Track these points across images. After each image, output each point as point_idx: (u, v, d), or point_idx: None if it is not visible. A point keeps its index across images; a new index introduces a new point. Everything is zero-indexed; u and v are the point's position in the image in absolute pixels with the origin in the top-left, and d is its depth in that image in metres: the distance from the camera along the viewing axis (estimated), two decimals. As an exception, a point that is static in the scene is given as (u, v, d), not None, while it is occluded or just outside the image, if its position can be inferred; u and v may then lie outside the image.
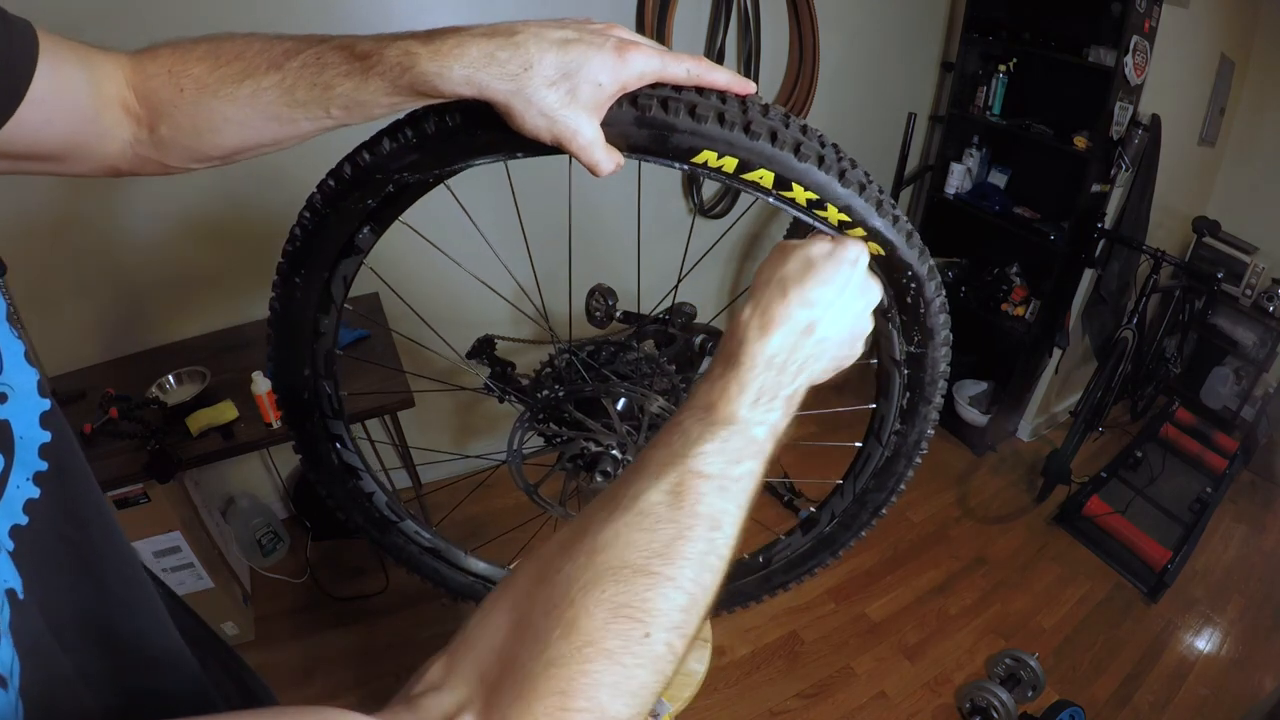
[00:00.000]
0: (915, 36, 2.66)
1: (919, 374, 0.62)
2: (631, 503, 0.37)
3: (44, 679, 0.36)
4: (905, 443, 0.69)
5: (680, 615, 0.34)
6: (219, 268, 1.79)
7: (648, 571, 0.34)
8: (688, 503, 0.37)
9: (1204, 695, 1.97)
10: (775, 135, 0.45)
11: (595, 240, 2.18)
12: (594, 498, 0.41)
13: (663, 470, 0.38)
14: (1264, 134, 2.77)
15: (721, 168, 0.46)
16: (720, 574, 0.37)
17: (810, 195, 0.47)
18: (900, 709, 1.87)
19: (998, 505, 2.63)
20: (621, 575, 0.34)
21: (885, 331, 0.60)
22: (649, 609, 0.33)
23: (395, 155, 0.51)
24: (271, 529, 2.13)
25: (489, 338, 0.93)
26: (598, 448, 0.77)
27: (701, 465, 0.38)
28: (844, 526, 0.78)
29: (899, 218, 0.51)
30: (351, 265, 0.63)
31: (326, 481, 0.80)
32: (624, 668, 0.32)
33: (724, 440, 0.40)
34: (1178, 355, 3.02)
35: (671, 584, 0.34)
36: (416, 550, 0.88)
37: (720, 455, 0.39)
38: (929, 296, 0.56)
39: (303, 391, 0.71)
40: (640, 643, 0.33)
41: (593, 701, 0.31)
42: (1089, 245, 2.44)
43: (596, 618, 0.32)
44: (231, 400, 1.56)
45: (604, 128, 0.43)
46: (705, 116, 0.44)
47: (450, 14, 1.77)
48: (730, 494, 0.38)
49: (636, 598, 0.33)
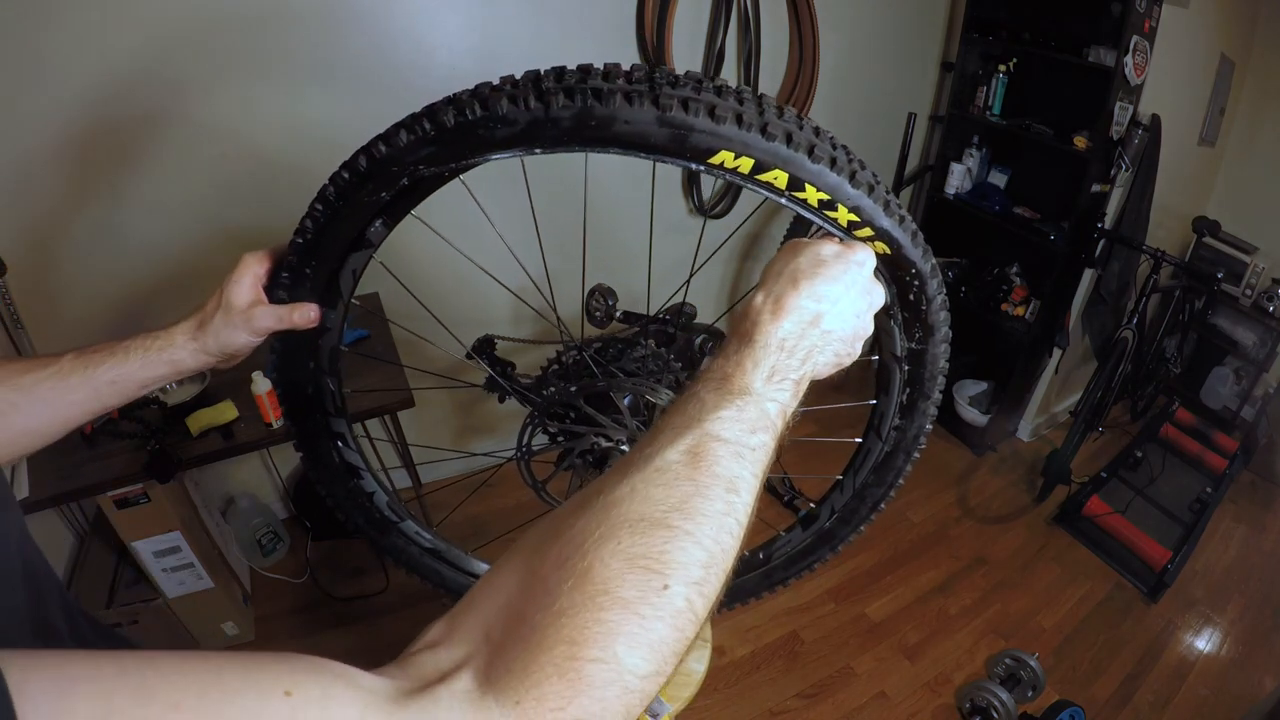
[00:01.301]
0: (915, 36, 2.66)
1: (919, 370, 0.64)
2: (646, 462, 0.36)
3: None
4: (904, 438, 0.70)
5: (700, 571, 0.33)
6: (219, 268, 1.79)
7: (666, 524, 0.33)
8: (705, 463, 0.36)
9: (1204, 695, 1.97)
10: (791, 137, 0.46)
11: (594, 240, 2.18)
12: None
13: (679, 434, 0.38)
14: (1264, 134, 2.77)
15: (738, 168, 0.47)
16: (738, 541, 0.36)
17: (822, 196, 0.48)
18: (900, 709, 1.87)
19: (998, 505, 2.63)
20: (638, 528, 0.32)
21: (887, 328, 0.61)
22: (667, 560, 0.32)
23: (412, 148, 0.51)
24: (271, 529, 2.13)
25: (489, 337, 0.93)
26: (607, 443, 0.77)
27: (719, 429, 0.38)
28: (843, 521, 0.79)
29: (905, 218, 0.52)
30: (361, 259, 0.62)
31: (327, 480, 0.80)
32: (641, 618, 0.30)
33: (739, 409, 0.40)
34: (1178, 355, 3.02)
35: (690, 538, 0.33)
36: (417, 551, 0.88)
37: (737, 423, 0.39)
38: (931, 294, 0.57)
39: (306, 387, 0.71)
40: (659, 594, 0.31)
41: (607, 651, 0.29)
42: (1089, 245, 2.44)
43: (612, 567, 0.31)
44: (231, 400, 1.56)
45: (624, 126, 0.45)
46: (724, 118, 0.44)
47: (451, 13, 1.77)
48: (745, 461, 0.38)
49: (654, 549, 0.32)
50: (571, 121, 0.46)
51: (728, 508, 0.36)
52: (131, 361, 0.59)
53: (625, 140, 0.46)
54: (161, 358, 0.60)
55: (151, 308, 1.78)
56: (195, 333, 0.60)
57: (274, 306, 0.61)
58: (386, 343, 1.79)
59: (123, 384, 0.58)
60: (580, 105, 0.45)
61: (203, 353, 0.61)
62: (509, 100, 0.47)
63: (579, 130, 0.47)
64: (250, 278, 0.61)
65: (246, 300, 0.60)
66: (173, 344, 0.60)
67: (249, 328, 0.60)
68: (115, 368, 0.58)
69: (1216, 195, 2.96)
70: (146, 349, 0.59)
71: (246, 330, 0.60)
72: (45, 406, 0.57)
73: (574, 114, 0.46)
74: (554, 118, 0.46)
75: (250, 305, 0.60)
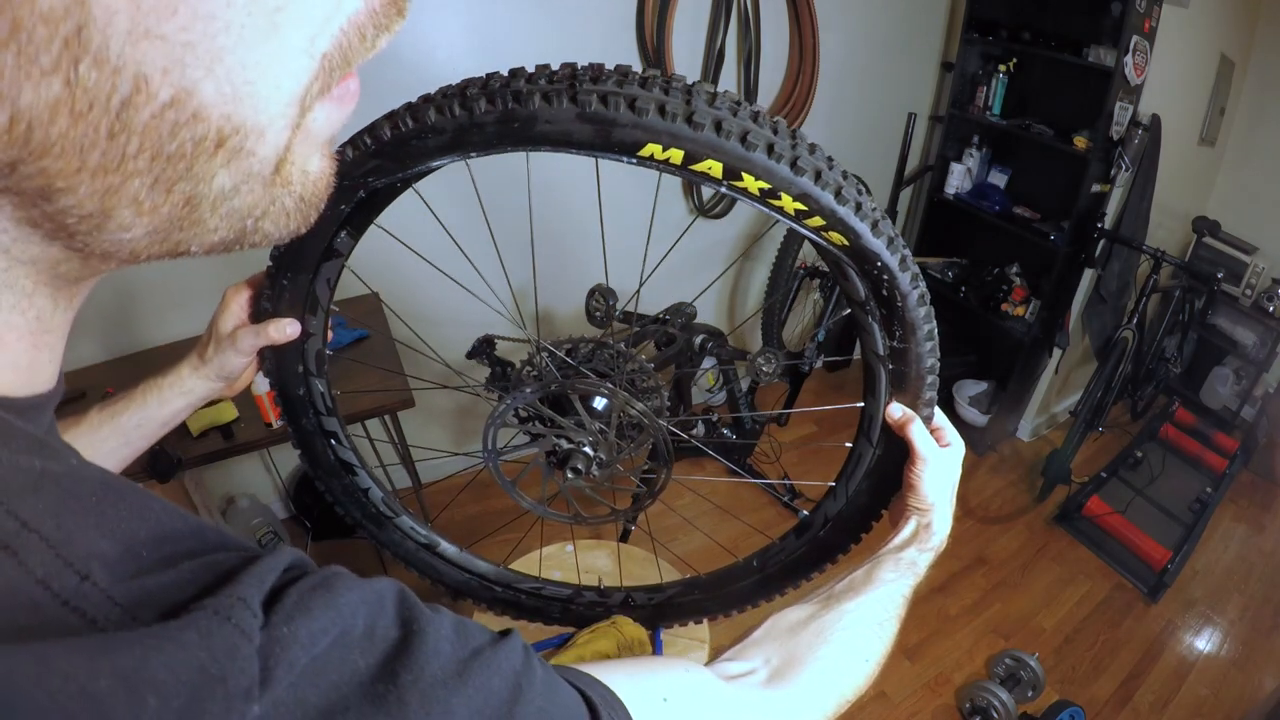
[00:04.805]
0: (915, 36, 2.66)
1: (903, 369, 0.61)
2: (857, 598, 0.61)
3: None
4: (897, 441, 0.67)
5: (877, 658, 0.58)
6: (219, 266, 1.79)
7: (868, 635, 0.58)
8: (891, 616, 0.62)
9: (1204, 695, 1.97)
10: (720, 124, 0.44)
11: (591, 241, 2.18)
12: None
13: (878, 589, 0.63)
14: (1264, 134, 2.77)
15: (669, 160, 0.46)
16: (885, 645, 0.59)
17: (762, 184, 0.47)
18: (900, 709, 1.87)
19: (998, 505, 2.63)
20: (858, 632, 0.58)
21: (866, 326, 0.59)
22: (869, 652, 0.57)
23: (359, 162, 0.53)
24: (271, 529, 2.13)
25: (489, 338, 0.93)
26: (569, 445, 0.77)
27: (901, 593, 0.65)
28: (839, 530, 0.76)
29: (862, 204, 0.50)
30: (333, 268, 0.65)
31: (323, 476, 0.82)
32: (854, 674, 0.55)
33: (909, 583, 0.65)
34: (1178, 355, 3.01)
35: (880, 642, 0.59)
36: (413, 546, 0.89)
37: (905, 589, 0.65)
38: (904, 289, 0.54)
39: (298, 388, 0.73)
40: (861, 664, 0.56)
41: (834, 685, 0.54)
42: (1089, 245, 2.44)
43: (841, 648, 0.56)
44: (231, 400, 1.56)
45: (546, 125, 0.47)
46: (645, 110, 0.44)
47: (451, 15, 1.77)
48: (898, 610, 0.63)
49: (863, 645, 0.57)
50: (496, 125, 0.48)
51: (884, 631, 0.59)
52: (150, 403, 0.65)
53: (552, 138, 0.47)
54: (174, 392, 0.67)
55: (151, 307, 1.78)
56: (197, 364, 0.68)
57: (254, 325, 0.66)
58: (387, 341, 1.79)
59: (146, 425, 0.65)
60: (501, 108, 0.46)
61: (208, 380, 0.68)
62: (435, 110, 0.48)
63: (505, 133, 0.48)
64: (234, 306, 0.68)
65: (230, 326, 0.67)
66: (181, 378, 0.67)
67: (235, 349, 0.66)
68: (137, 412, 0.65)
69: (1216, 195, 2.96)
70: (160, 388, 0.66)
71: (235, 352, 0.66)
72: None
73: (497, 117, 0.47)
74: (478, 123, 0.48)
75: (234, 329, 0.67)
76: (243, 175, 0.21)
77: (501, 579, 0.94)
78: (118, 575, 0.19)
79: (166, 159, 0.19)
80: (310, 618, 0.22)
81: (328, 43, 0.21)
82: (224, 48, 0.18)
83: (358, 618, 0.24)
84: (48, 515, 0.19)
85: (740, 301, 2.87)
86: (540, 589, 0.95)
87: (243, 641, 0.20)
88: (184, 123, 0.18)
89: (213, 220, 0.22)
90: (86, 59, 0.16)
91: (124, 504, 0.21)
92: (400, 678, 0.23)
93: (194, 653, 0.18)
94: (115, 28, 0.16)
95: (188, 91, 0.18)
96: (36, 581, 0.18)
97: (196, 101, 0.18)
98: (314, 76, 0.21)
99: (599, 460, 0.77)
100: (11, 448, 0.20)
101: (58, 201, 0.18)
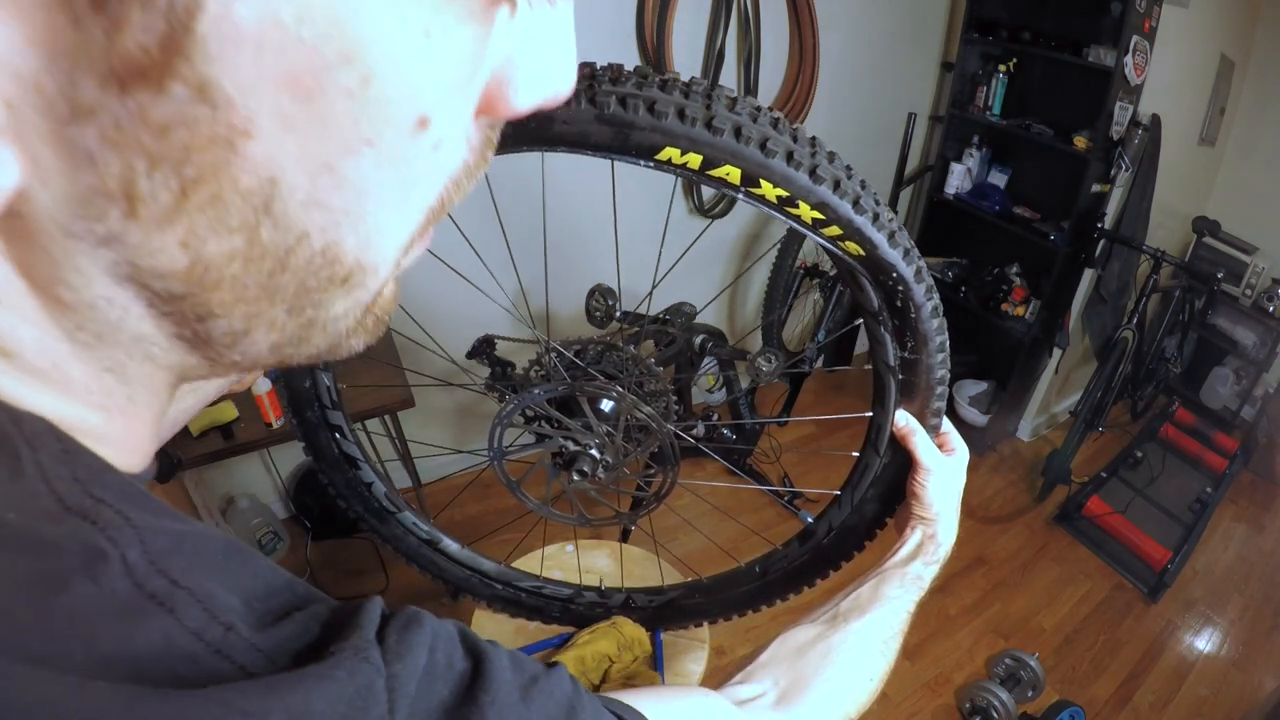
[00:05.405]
0: (915, 36, 2.66)
1: (913, 380, 0.60)
2: (861, 617, 0.62)
3: None
4: (904, 451, 0.67)
5: (880, 675, 0.60)
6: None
7: (872, 654, 0.60)
8: (895, 631, 0.63)
9: (1204, 695, 1.97)
10: (740, 130, 0.44)
11: (592, 241, 2.18)
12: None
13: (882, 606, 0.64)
14: (1264, 134, 2.77)
15: (686, 164, 0.46)
16: (888, 658, 0.61)
17: (780, 192, 0.47)
18: (900, 709, 1.87)
19: (998, 505, 2.63)
20: (861, 652, 0.59)
21: (878, 336, 0.58)
22: (873, 670, 0.59)
23: None
24: (271, 529, 2.13)
25: (489, 337, 0.93)
26: (575, 447, 0.77)
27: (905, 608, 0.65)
28: (842, 539, 0.76)
29: (880, 215, 0.49)
30: None
31: (328, 470, 0.82)
32: (858, 691, 0.57)
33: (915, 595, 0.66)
34: (1178, 355, 3.02)
35: (884, 660, 0.60)
36: (415, 542, 0.89)
37: (910, 601, 0.65)
38: (919, 300, 0.54)
39: (303, 381, 0.74)
40: (866, 684, 0.58)
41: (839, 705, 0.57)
42: (1089, 245, 2.44)
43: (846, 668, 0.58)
44: (231, 400, 1.56)
45: (563, 125, 0.46)
46: (665, 113, 0.43)
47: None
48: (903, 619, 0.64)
49: (867, 665, 0.59)
50: (512, 124, 0.47)
51: (888, 648, 0.60)
52: None
53: (569, 140, 0.46)
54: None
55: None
56: None
57: None
58: (389, 339, 1.79)
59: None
60: None
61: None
62: None
63: (521, 133, 0.47)
64: None
65: None
66: None
67: None
68: None
69: (1216, 195, 2.96)
70: None
71: None
72: None
73: None
74: None
75: None
76: (352, 303, 0.25)
77: (502, 577, 0.94)
78: (251, 625, 0.23)
79: (306, 291, 0.23)
80: (412, 655, 0.26)
81: (434, 199, 0.26)
82: (369, 211, 0.22)
83: (438, 653, 0.28)
84: (191, 572, 0.22)
85: (740, 301, 2.87)
86: (540, 588, 0.95)
87: (377, 678, 0.24)
88: (327, 264, 0.22)
89: (320, 338, 0.26)
90: (268, 222, 0.20)
91: (242, 562, 0.25)
92: (480, 699, 0.27)
93: (344, 688, 0.22)
94: (294, 200, 0.20)
95: (335, 242, 0.22)
96: (191, 633, 0.21)
97: (339, 249, 0.22)
98: (420, 227, 0.26)
99: (605, 463, 0.77)
100: (154, 513, 0.23)
101: (211, 323, 0.22)
